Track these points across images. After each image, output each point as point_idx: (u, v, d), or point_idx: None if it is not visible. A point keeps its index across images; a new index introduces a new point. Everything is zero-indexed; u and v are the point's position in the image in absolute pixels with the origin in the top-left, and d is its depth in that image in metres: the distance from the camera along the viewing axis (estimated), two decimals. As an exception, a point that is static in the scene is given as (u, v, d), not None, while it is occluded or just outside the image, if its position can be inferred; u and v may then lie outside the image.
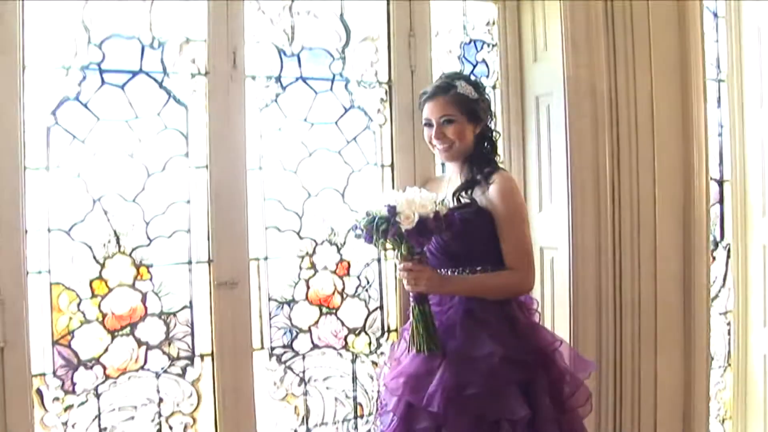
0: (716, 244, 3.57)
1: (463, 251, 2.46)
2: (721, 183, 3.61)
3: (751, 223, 3.57)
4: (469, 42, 3.05)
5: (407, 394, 2.43)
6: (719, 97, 3.58)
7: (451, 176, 2.65)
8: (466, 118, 2.51)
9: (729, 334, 3.68)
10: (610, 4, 3.00)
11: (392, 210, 2.25)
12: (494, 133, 2.62)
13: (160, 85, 2.53)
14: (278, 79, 2.71)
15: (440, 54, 2.99)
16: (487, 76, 3.08)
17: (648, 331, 3.11)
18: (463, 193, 2.52)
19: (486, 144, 2.59)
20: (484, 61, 3.09)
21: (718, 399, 3.61)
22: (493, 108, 2.90)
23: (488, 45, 3.09)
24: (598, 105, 2.94)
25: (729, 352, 3.69)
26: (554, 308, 2.97)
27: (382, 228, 2.27)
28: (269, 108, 2.69)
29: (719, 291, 3.59)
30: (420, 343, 2.37)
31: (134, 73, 2.49)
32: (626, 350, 3.08)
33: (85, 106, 2.41)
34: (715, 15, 3.56)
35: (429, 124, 2.55)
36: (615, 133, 3.01)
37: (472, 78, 2.63)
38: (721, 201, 3.61)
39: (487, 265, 2.49)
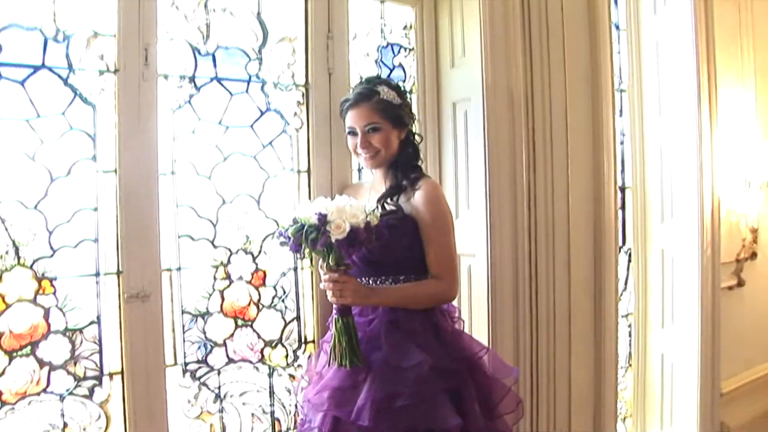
0: (618, 249, 3.69)
1: (387, 260, 2.42)
2: (623, 190, 3.75)
3: (650, 228, 3.74)
4: (387, 45, 3.01)
5: (332, 408, 2.36)
6: (621, 107, 3.71)
7: (375, 183, 2.60)
8: (391, 124, 2.47)
9: (630, 335, 3.83)
10: (527, 11, 3.04)
11: (323, 218, 2.18)
12: (417, 137, 2.60)
13: (65, 82, 2.32)
14: (192, 79, 2.56)
15: (358, 57, 2.93)
16: (404, 81, 3.05)
17: (562, 335, 3.20)
18: (389, 200, 2.48)
19: (410, 148, 2.56)
20: (401, 65, 3.05)
21: (620, 398, 3.74)
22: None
23: (405, 49, 3.05)
24: (515, 112, 2.97)
25: (630, 353, 3.84)
26: (472, 314, 2.97)
27: (311, 237, 2.19)
28: (182, 109, 2.54)
29: (621, 294, 3.72)
30: (342, 357, 2.31)
31: (36, 68, 2.27)
32: (542, 354, 3.15)
33: (-22, 104, 2.19)
34: (617, 27, 3.69)
35: (353, 133, 2.49)
36: (531, 139, 3.07)
37: (393, 82, 2.59)
38: (623, 207, 3.75)
39: (410, 274, 2.46)
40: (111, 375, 2.41)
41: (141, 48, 2.41)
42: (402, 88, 2.58)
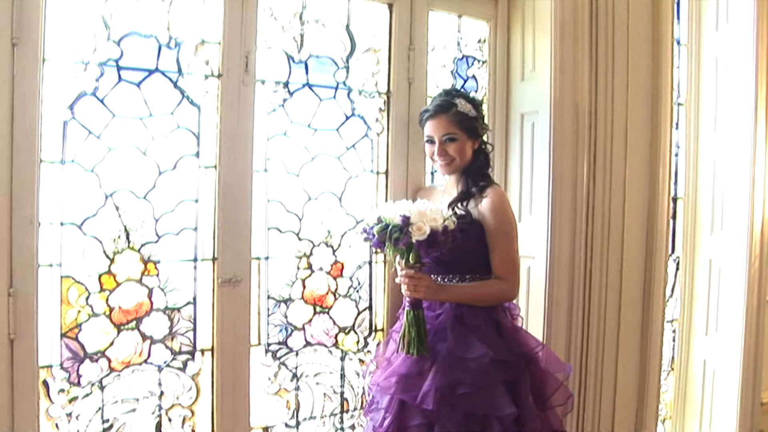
0: (668, 257, 3.84)
1: (456, 260, 2.62)
2: (674, 200, 3.89)
3: (700, 238, 3.87)
4: (462, 58, 3.20)
5: (399, 392, 2.58)
6: (677, 120, 3.85)
7: (448, 187, 2.80)
8: (466, 135, 2.66)
9: (674, 340, 3.99)
10: (595, 26, 3.20)
11: (406, 220, 2.38)
12: (488, 146, 2.79)
13: (175, 84, 2.56)
14: (286, 84, 2.78)
15: (435, 68, 3.12)
16: (476, 91, 3.24)
17: (611, 337, 3.36)
18: (459, 205, 2.68)
19: (481, 157, 2.76)
20: (474, 77, 3.24)
21: (661, 400, 3.90)
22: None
23: (478, 61, 3.24)
24: (579, 125, 3.14)
25: (672, 357, 4.00)
26: (529, 312, 3.15)
27: (394, 236, 2.40)
28: (276, 112, 2.76)
29: (667, 300, 3.86)
30: (410, 345, 2.52)
31: (150, 72, 2.52)
32: (591, 353, 3.32)
33: (102, 101, 2.43)
34: (678, 42, 3.81)
35: (431, 141, 2.69)
36: (593, 151, 3.22)
37: (470, 96, 2.78)
38: (674, 217, 3.89)
39: (475, 274, 2.66)
40: (203, 351, 2.67)
41: (242, 55, 2.64)
42: (478, 102, 2.77)
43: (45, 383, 2.39)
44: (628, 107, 3.35)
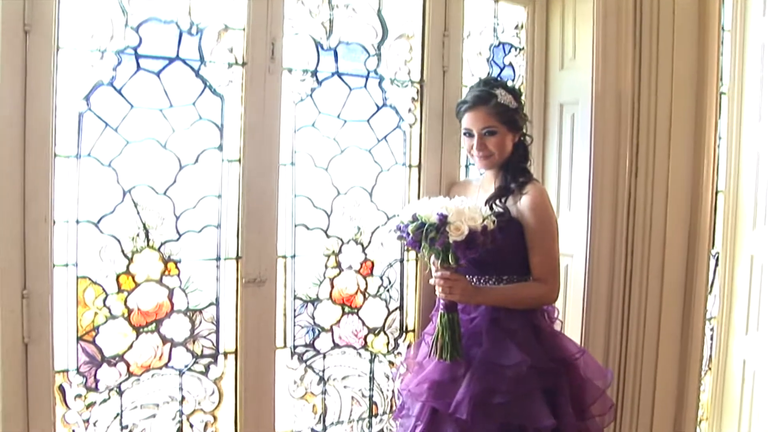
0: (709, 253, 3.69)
1: (492, 260, 2.48)
2: (715, 193, 3.72)
3: (741, 233, 3.69)
4: (498, 45, 3.03)
5: (431, 400, 2.46)
6: (720, 110, 3.67)
7: (484, 182, 2.66)
8: (507, 128, 2.52)
9: (711, 339, 3.83)
10: (639, 15, 3.02)
11: (443, 219, 2.24)
12: (527, 138, 2.64)
13: (197, 73, 2.42)
14: (314, 73, 2.63)
15: (470, 55, 2.96)
16: (513, 80, 3.08)
17: (651, 335, 3.24)
18: (497, 202, 2.53)
19: (521, 151, 2.60)
20: (511, 64, 3.07)
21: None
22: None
23: (516, 49, 3.07)
24: (622, 117, 2.98)
25: (710, 356, 3.85)
26: (567, 312, 3.02)
27: (431, 236, 2.27)
28: (304, 102, 2.61)
29: (706, 298, 3.70)
30: (444, 350, 2.40)
31: (171, 60, 2.37)
32: (630, 351, 3.18)
33: (119, 92, 2.29)
34: (723, 29, 3.62)
35: (470, 134, 2.54)
36: (635, 144, 3.06)
37: (510, 85, 2.62)
38: (714, 211, 3.72)
39: (513, 275, 2.53)
40: (225, 354, 2.54)
41: (268, 42, 2.49)
42: (518, 92, 2.61)
43: (61, 388, 2.27)
44: (672, 97, 3.19)
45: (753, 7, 3.62)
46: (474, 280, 2.54)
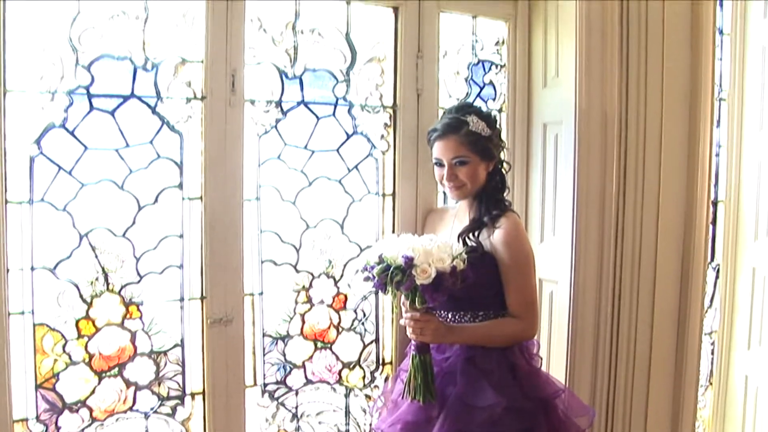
0: (707, 266, 3.55)
1: (467, 296, 2.37)
2: (715, 204, 3.57)
3: (742, 245, 3.56)
4: (478, 63, 2.90)
5: (405, 442, 2.38)
6: (719, 117, 3.51)
7: (459, 212, 2.56)
8: (479, 157, 2.41)
9: (712, 354, 3.71)
10: (626, 27, 2.87)
11: (409, 261, 2.15)
12: (505, 165, 2.53)
13: (153, 110, 2.34)
14: (279, 103, 2.53)
15: (447, 75, 2.84)
16: (494, 99, 2.95)
17: (642, 357, 3.10)
18: (470, 236, 2.43)
19: (497, 179, 2.50)
20: (491, 83, 2.94)
21: (698, 416, 3.64)
22: (498, 121, 2.83)
23: (496, 66, 2.94)
24: (608, 136, 2.83)
25: (711, 371, 3.73)
26: (551, 341, 2.91)
27: (396, 279, 2.17)
28: (268, 134, 2.53)
29: (706, 311, 3.57)
30: (417, 392, 2.32)
31: (125, 98, 2.30)
32: (620, 374, 3.05)
33: (72, 134, 2.22)
34: (721, 32, 3.45)
35: (440, 164, 2.44)
36: (623, 162, 2.91)
37: (484, 112, 2.50)
38: (713, 222, 3.57)
39: (489, 311, 2.43)
40: (193, 395, 2.49)
41: (228, 74, 2.40)
42: (492, 118, 2.49)
43: (21, 438, 2.25)
44: (663, 106, 3.01)
45: (753, 9, 3.46)
46: (449, 316, 2.44)
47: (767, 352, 3.54)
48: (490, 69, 2.93)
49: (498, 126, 2.53)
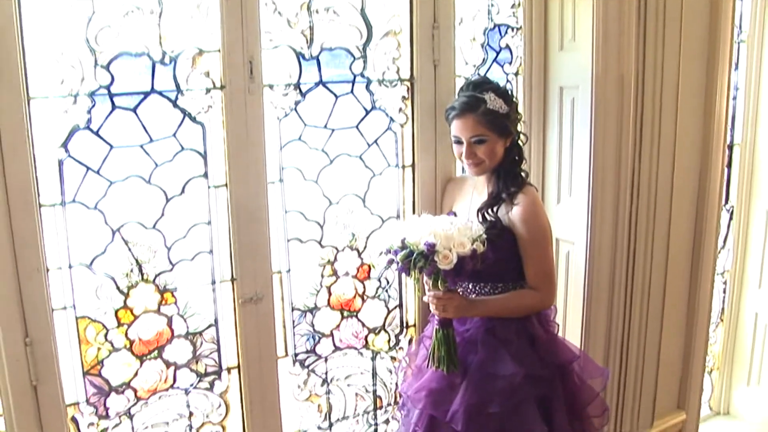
0: (721, 208, 3.59)
1: (486, 269, 2.45)
2: (731, 147, 3.58)
3: (757, 187, 3.60)
4: (494, 28, 2.86)
5: (429, 407, 2.53)
6: (738, 60, 3.46)
7: (477, 183, 2.60)
8: (497, 134, 2.44)
9: (724, 292, 3.81)
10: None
11: (431, 248, 2.23)
12: (521, 137, 2.56)
13: (174, 104, 2.36)
14: (297, 85, 2.54)
15: (464, 42, 2.81)
16: (510, 63, 2.93)
17: (656, 297, 3.22)
18: (488, 211, 2.49)
19: (514, 154, 2.53)
20: (507, 47, 2.91)
21: (709, 352, 3.79)
22: (515, 96, 2.83)
23: (512, 29, 2.89)
24: (624, 99, 2.82)
25: (722, 309, 3.84)
26: (567, 299, 3.02)
27: (419, 264, 2.26)
28: (288, 117, 2.54)
29: (719, 252, 3.65)
30: (440, 362, 2.45)
31: (146, 94, 2.32)
32: (635, 314, 3.17)
33: (97, 134, 2.25)
34: (742, -25, 3.37)
35: (459, 142, 2.47)
36: (639, 121, 2.91)
37: (501, 87, 2.50)
38: (729, 165, 3.59)
39: (508, 282, 2.53)
40: (229, 369, 2.63)
41: (246, 61, 2.40)
42: (509, 94, 2.50)
43: (74, 419, 2.40)
44: (681, 54, 2.97)
45: (775, -52, 3.35)
46: (470, 287, 2.55)
47: (778, 291, 3.65)
48: (506, 33, 2.89)
49: (515, 100, 2.54)
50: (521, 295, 2.51)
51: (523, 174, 2.55)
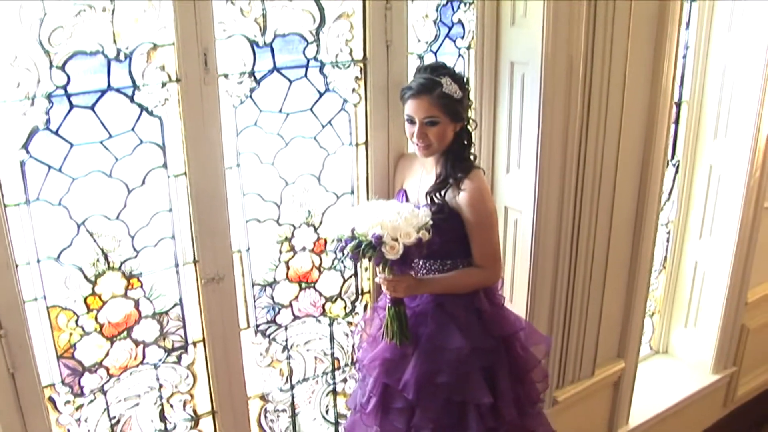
0: (666, 162, 3.73)
1: (436, 249, 2.58)
2: (678, 104, 3.69)
3: (702, 144, 3.75)
4: (446, 3, 2.88)
5: (383, 376, 2.72)
6: (689, 19, 3.52)
7: (426, 163, 2.71)
8: (449, 118, 2.54)
9: (667, 241, 4.01)
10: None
11: (378, 239, 2.37)
12: (471, 123, 2.65)
13: (131, 99, 2.38)
14: (252, 73, 2.57)
15: (416, 20, 2.84)
16: (462, 37, 2.96)
17: (601, 247, 3.36)
18: (436, 195, 2.61)
19: (464, 138, 2.63)
20: (460, 21, 2.93)
21: (651, 297, 4.02)
22: (466, 72, 2.90)
23: (465, 3, 2.91)
24: (573, 75, 2.88)
25: (665, 257, 4.05)
26: (515, 265, 3.18)
27: (368, 254, 2.40)
28: (244, 104, 2.58)
29: (663, 204, 3.82)
30: (393, 335, 2.63)
31: (103, 92, 2.34)
32: (579, 269, 3.32)
33: (57, 134, 2.29)
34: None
35: (411, 121, 2.56)
36: (588, 90, 2.99)
37: (458, 73, 2.58)
38: (676, 121, 3.71)
39: (456, 259, 2.69)
40: (195, 343, 2.77)
41: (200, 53, 2.41)
42: (464, 80, 2.59)
43: (51, 399, 2.54)
44: (631, 18, 3.00)
45: None
46: (420, 263, 2.69)
47: (716, 241, 3.85)
48: (458, 8, 2.91)
49: (468, 87, 2.62)
50: (468, 274, 2.67)
51: (471, 158, 2.67)
